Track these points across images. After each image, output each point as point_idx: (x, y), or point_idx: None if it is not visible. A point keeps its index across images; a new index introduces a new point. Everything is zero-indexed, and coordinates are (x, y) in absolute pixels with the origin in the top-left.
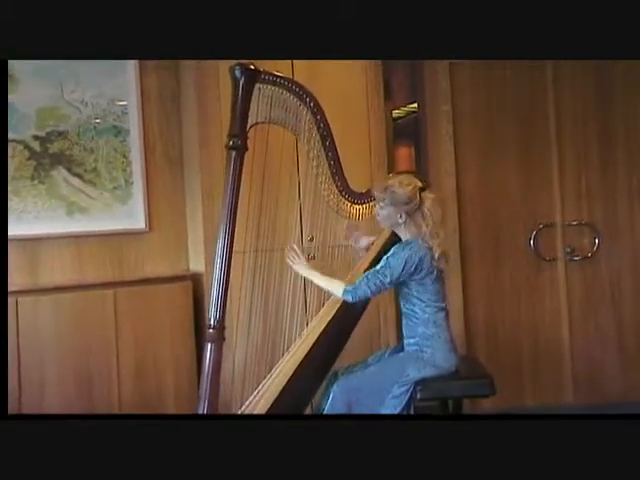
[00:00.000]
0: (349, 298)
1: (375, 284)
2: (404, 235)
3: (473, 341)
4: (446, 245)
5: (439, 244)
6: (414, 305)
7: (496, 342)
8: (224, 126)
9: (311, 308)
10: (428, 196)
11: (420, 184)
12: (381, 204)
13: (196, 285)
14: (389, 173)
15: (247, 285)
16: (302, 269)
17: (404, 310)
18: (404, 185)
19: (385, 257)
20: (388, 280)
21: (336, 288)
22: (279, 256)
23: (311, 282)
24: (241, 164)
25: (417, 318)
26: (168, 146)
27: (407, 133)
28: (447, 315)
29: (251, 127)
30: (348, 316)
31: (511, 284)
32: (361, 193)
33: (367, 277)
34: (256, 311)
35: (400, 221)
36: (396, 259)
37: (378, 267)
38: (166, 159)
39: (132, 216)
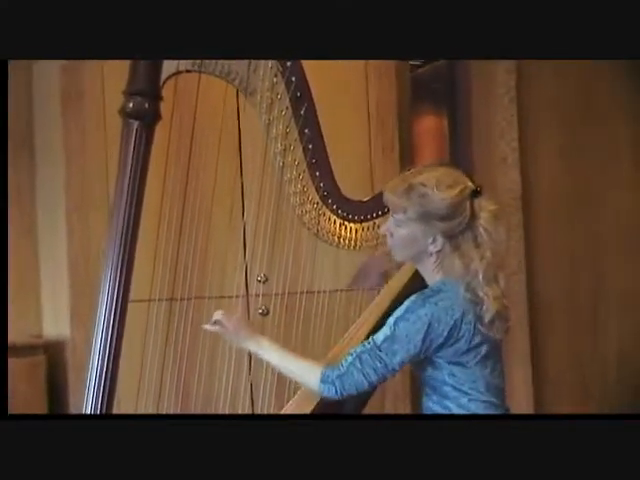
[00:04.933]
0: (331, 392)
1: (375, 370)
2: (432, 275)
3: None
4: (506, 298)
5: (495, 296)
6: (445, 397)
7: None
8: (114, 76)
9: (263, 401)
10: (485, 206)
11: (470, 184)
12: (399, 217)
13: (54, 363)
14: (406, 169)
15: (154, 362)
16: (245, 340)
17: (427, 405)
18: (444, 185)
19: (392, 318)
20: (398, 360)
21: (308, 374)
22: (213, 309)
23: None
24: (147, 145)
25: None
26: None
27: (435, 92)
28: None
29: (168, 79)
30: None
31: None
32: (360, 202)
33: (359, 357)
34: (169, 409)
35: (432, 249)
36: (411, 324)
37: (379, 337)
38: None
39: None
